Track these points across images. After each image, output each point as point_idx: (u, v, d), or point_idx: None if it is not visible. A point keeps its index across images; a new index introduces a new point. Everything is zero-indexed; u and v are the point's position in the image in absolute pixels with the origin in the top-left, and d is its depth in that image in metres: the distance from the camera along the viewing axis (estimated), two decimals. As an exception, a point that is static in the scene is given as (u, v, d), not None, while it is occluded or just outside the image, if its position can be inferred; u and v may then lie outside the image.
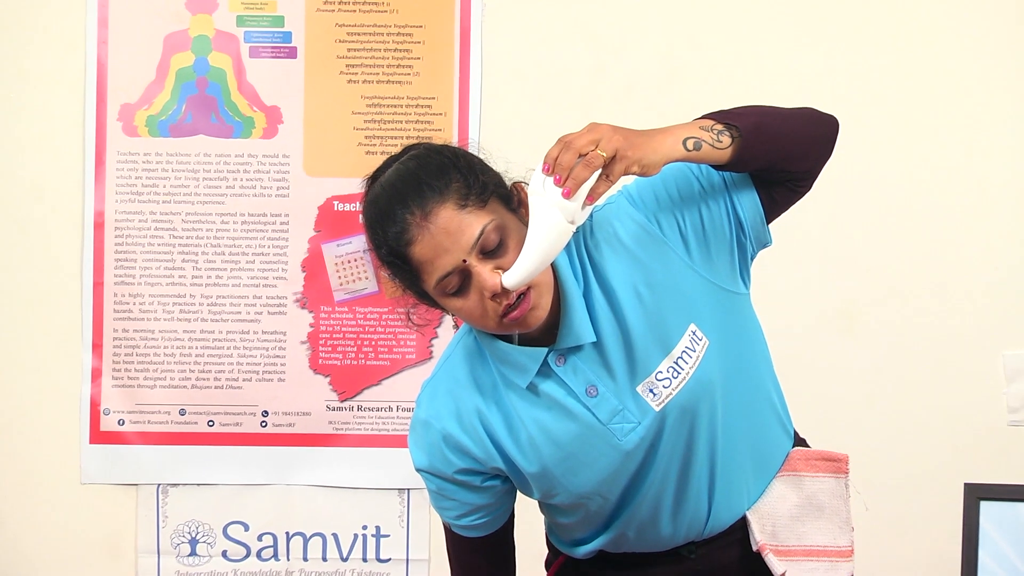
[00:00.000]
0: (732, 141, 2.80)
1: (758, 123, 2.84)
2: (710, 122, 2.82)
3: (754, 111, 2.88)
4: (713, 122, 2.82)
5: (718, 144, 2.79)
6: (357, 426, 4.53)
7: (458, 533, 3.08)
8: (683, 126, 2.80)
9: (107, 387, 4.50)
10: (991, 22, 4.67)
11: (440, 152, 2.86)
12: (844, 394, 4.44)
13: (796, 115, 2.93)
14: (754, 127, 2.83)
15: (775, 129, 2.87)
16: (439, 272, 2.75)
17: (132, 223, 4.50)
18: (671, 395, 2.89)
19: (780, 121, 2.89)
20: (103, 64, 4.51)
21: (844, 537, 3.09)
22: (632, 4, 4.59)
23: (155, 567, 4.53)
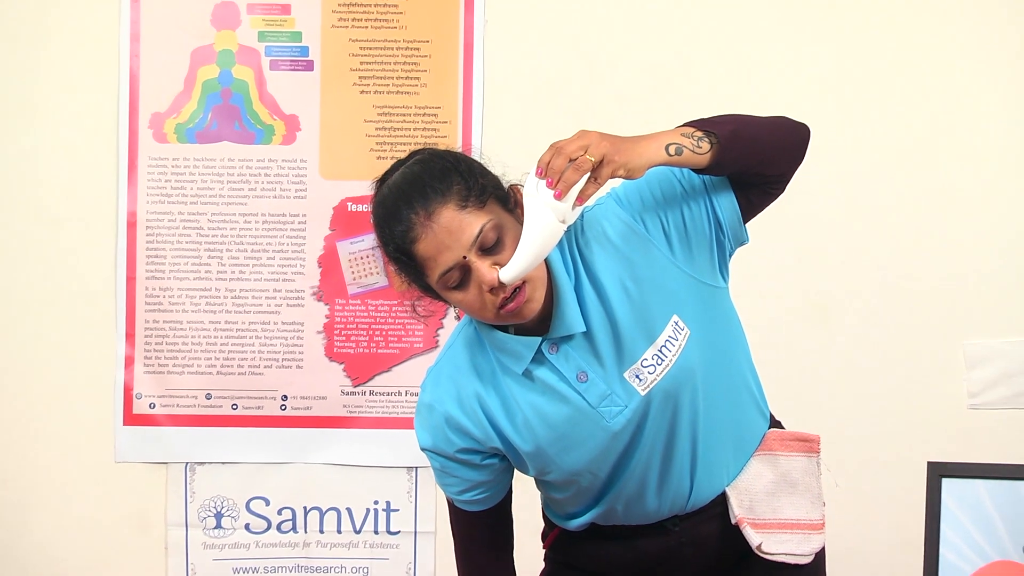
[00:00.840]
0: (711, 147, 2.80)
1: (735, 130, 2.84)
2: (691, 129, 2.81)
3: (731, 119, 2.88)
4: (694, 129, 2.81)
5: (698, 150, 2.79)
6: (369, 409, 4.52)
7: (460, 507, 3.08)
8: (666, 133, 2.80)
9: (139, 373, 4.49)
10: (944, 22, 4.67)
11: (442, 157, 2.87)
12: (817, 380, 4.44)
13: (770, 123, 2.93)
14: (731, 134, 2.83)
15: (750, 136, 2.87)
16: (441, 267, 2.76)
17: (162, 222, 4.49)
18: (655, 380, 2.90)
19: (755, 129, 2.90)
20: (135, 76, 4.49)
21: (816, 511, 3.09)
22: (622, 21, 4.56)
23: (183, 539, 4.51)
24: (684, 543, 3.07)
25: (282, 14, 4.52)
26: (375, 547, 4.54)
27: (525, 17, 4.55)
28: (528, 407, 2.94)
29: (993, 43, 4.66)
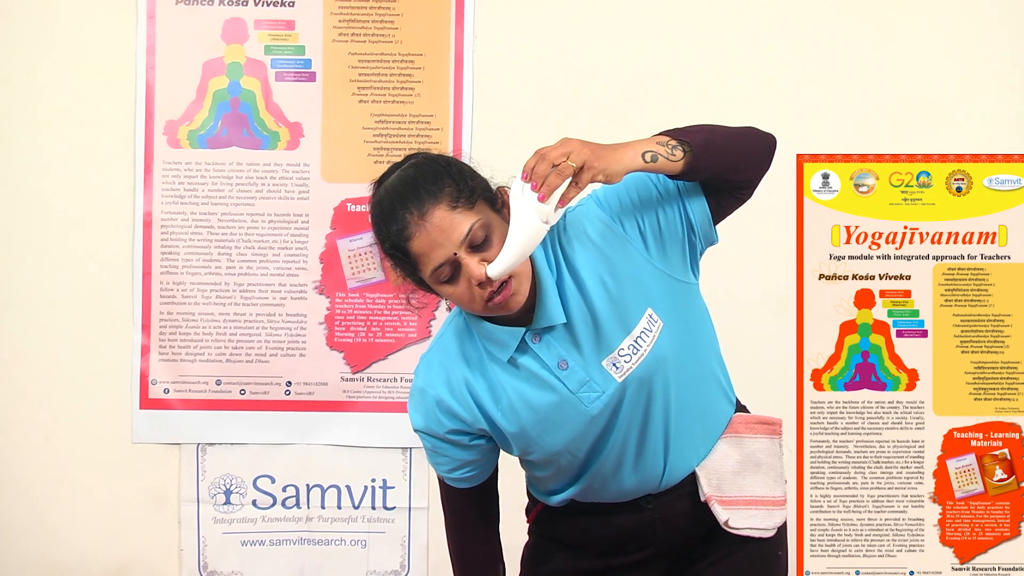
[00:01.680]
0: (684, 155, 2.81)
1: (707, 140, 2.85)
2: (666, 138, 2.82)
3: (704, 129, 2.88)
4: (668, 138, 2.82)
5: (672, 157, 2.80)
6: (367, 394, 4.50)
7: (450, 485, 3.09)
8: (643, 141, 2.81)
9: (154, 361, 4.48)
10: (922, 38, 4.68)
11: (435, 160, 2.88)
12: (779, 366, 4.37)
13: (740, 133, 2.95)
14: (703, 143, 2.84)
15: (721, 145, 2.88)
16: (433, 263, 2.77)
17: (175, 222, 4.48)
18: (631, 368, 2.91)
19: (726, 138, 2.91)
20: (151, 87, 4.48)
21: (779, 489, 3.10)
22: (603, 34, 4.56)
23: (195, 514, 4.49)
24: (657, 519, 3.07)
25: (287, 29, 4.50)
26: (372, 522, 4.52)
27: (511, 33, 4.53)
28: (513, 392, 2.95)
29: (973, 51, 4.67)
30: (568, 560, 3.16)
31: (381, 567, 4.53)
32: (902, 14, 4.68)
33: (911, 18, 4.68)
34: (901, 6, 4.68)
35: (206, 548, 4.51)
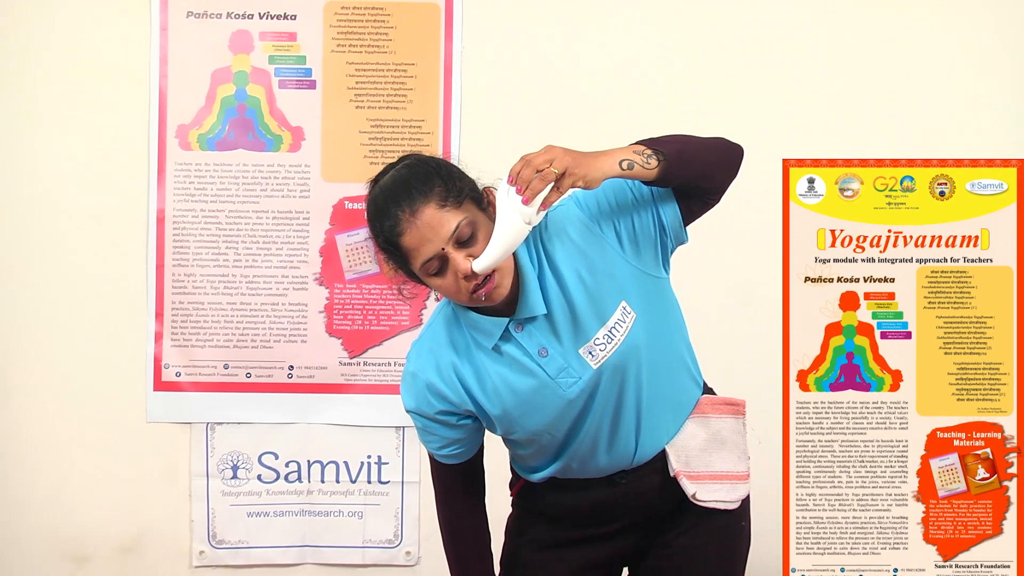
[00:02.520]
0: (659, 163, 2.82)
1: (680, 149, 2.86)
2: (642, 147, 2.84)
3: (677, 140, 2.90)
4: (644, 147, 2.84)
5: (647, 165, 2.81)
6: (363, 377, 4.50)
7: (440, 461, 3.10)
8: (620, 150, 2.83)
9: (167, 347, 4.47)
10: (891, 49, 4.65)
11: (426, 162, 2.88)
12: (742, 352, 4.44)
13: (710, 144, 2.96)
14: (676, 153, 2.85)
15: (693, 155, 2.89)
16: (423, 257, 2.79)
17: (186, 218, 4.47)
18: (606, 356, 2.93)
19: (697, 148, 2.92)
20: (163, 93, 4.47)
21: (742, 464, 3.14)
22: (579, 46, 4.54)
23: (205, 488, 4.49)
24: (630, 493, 3.09)
25: (289, 40, 4.48)
26: (368, 495, 4.52)
27: (496, 45, 4.52)
28: (497, 377, 2.96)
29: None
30: (548, 530, 3.17)
31: (376, 537, 4.53)
32: (887, 22, 4.65)
33: (896, 26, 4.66)
34: (886, 14, 4.65)
35: (215, 519, 4.50)
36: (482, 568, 3.17)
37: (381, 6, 4.50)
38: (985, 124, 4.65)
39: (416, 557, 4.53)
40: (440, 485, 3.16)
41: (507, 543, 3.25)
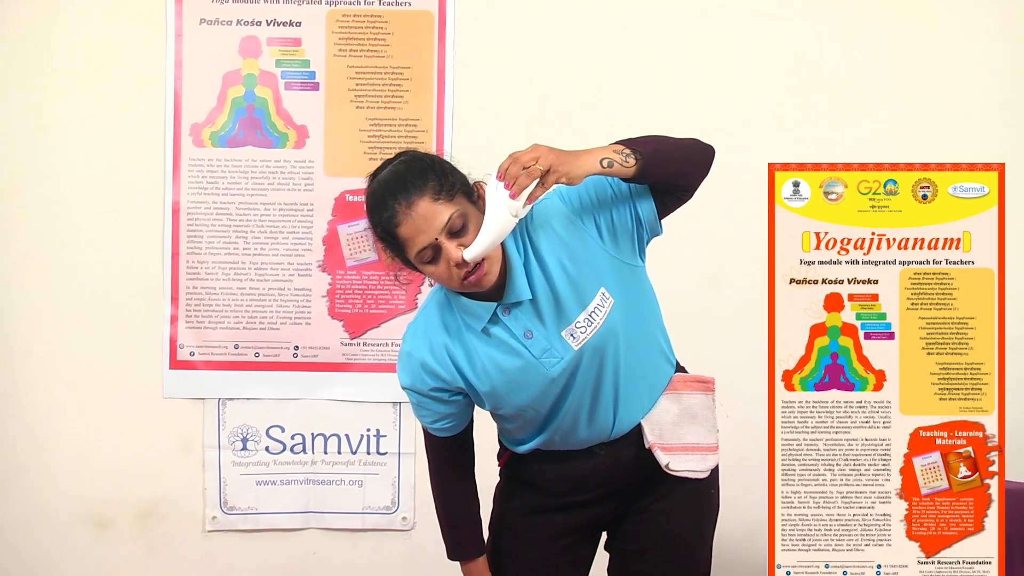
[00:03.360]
0: (636, 162, 2.84)
1: (656, 149, 2.88)
2: (621, 147, 2.85)
3: (654, 140, 2.91)
4: (623, 147, 2.85)
5: (626, 164, 2.83)
6: (363, 357, 4.50)
7: (433, 434, 3.12)
8: (601, 149, 2.85)
9: (182, 328, 4.47)
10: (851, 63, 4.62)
11: (421, 158, 2.89)
12: (713, 333, 4.45)
13: (684, 144, 2.97)
14: (653, 152, 2.87)
15: (668, 155, 2.91)
16: (418, 247, 2.81)
17: (199, 209, 4.47)
18: (586, 338, 2.95)
19: (672, 149, 2.93)
20: (178, 95, 4.47)
21: (712, 437, 3.16)
22: (563, 51, 4.53)
23: (217, 459, 4.50)
24: (608, 463, 3.10)
25: (294, 45, 4.48)
26: (367, 465, 4.52)
27: (485, 50, 4.52)
28: (486, 357, 2.98)
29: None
30: (532, 497, 3.18)
31: (375, 503, 4.53)
32: (871, 30, 4.62)
33: (880, 33, 4.63)
34: (870, 22, 4.63)
35: (226, 487, 4.51)
36: (471, 532, 3.19)
37: (379, 14, 4.50)
38: (967, 129, 4.62)
39: (412, 522, 4.53)
40: (433, 456, 3.17)
41: (495, 509, 3.25)
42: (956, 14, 4.65)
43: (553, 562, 3.18)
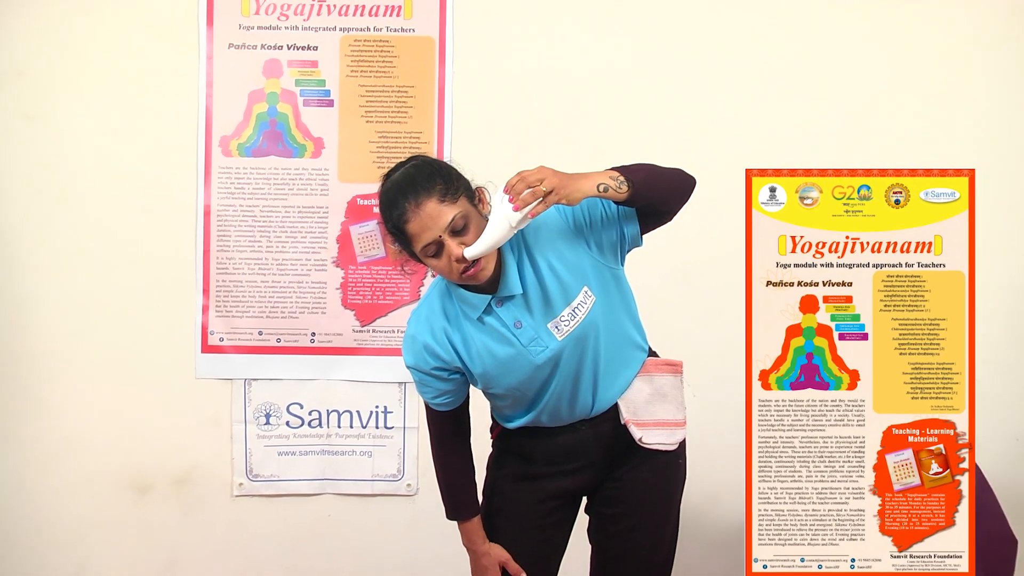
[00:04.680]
0: (628, 189, 2.86)
1: (645, 178, 2.89)
2: (616, 173, 2.86)
3: (644, 170, 2.91)
4: (618, 174, 2.86)
5: (619, 190, 2.85)
6: (372, 342, 4.50)
7: (433, 408, 3.15)
8: (599, 174, 2.86)
9: (212, 317, 4.48)
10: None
11: (431, 163, 2.93)
12: (682, 321, 4.39)
13: (670, 174, 2.97)
14: (643, 181, 2.88)
15: (655, 184, 2.92)
16: (423, 242, 2.85)
17: (228, 212, 4.47)
18: (569, 330, 2.99)
19: (659, 178, 2.94)
20: (209, 110, 4.47)
21: (680, 413, 3.18)
22: (552, 70, 4.50)
23: (243, 432, 4.50)
24: (588, 438, 3.14)
25: (312, 67, 4.47)
26: (376, 438, 4.53)
27: (480, 71, 4.50)
28: (480, 343, 3.02)
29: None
30: (521, 466, 3.21)
31: (383, 472, 4.53)
32: (845, 41, 4.53)
33: (854, 43, 4.53)
34: (844, 33, 4.54)
35: (251, 457, 4.52)
36: (468, 495, 3.20)
37: (387, 39, 4.49)
38: (938, 135, 4.52)
39: (415, 488, 4.53)
40: (434, 428, 3.19)
41: (488, 476, 3.28)
42: (927, 28, 4.56)
43: (539, 523, 3.20)
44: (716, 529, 4.44)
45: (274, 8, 4.49)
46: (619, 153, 4.31)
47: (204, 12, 4.48)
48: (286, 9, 4.49)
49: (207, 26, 4.49)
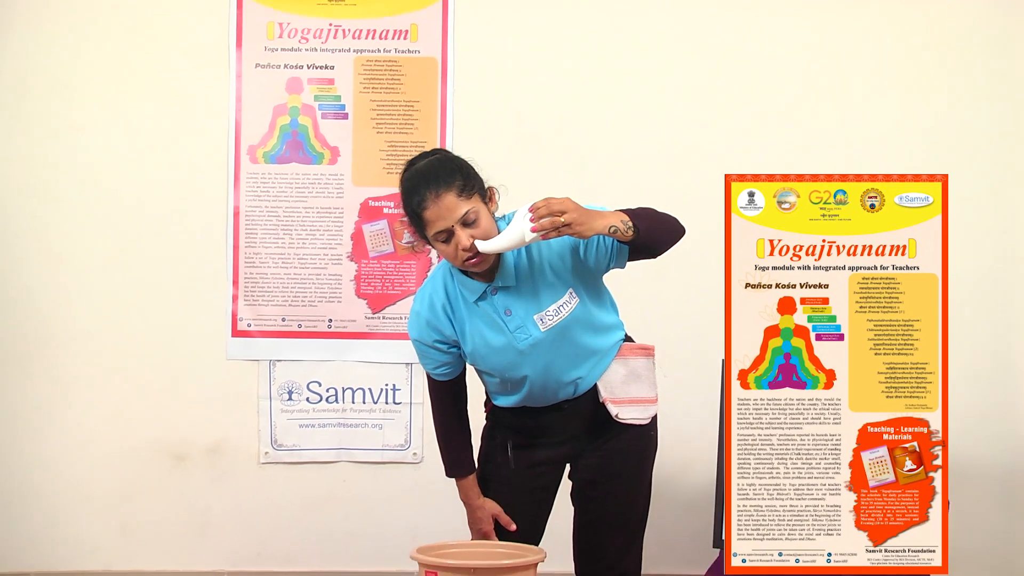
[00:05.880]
0: (634, 233, 2.85)
1: (649, 227, 2.89)
2: (626, 217, 2.84)
3: (648, 216, 2.90)
4: (628, 218, 2.84)
5: (626, 233, 2.85)
6: (383, 327, 4.51)
7: (434, 378, 3.15)
8: (613, 215, 2.83)
9: (241, 305, 4.49)
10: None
11: (453, 159, 2.94)
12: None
13: (668, 221, 2.96)
14: (647, 229, 2.88)
15: (655, 231, 2.92)
16: (437, 229, 2.87)
17: (255, 212, 4.49)
18: (552, 324, 3.02)
19: (659, 225, 2.93)
20: (238, 122, 4.49)
21: (652, 392, 3.19)
22: (539, 83, 4.48)
23: (268, 407, 4.49)
24: (571, 414, 3.15)
25: (329, 84, 4.48)
26: (386, 412, 4.52)
27: (478, 88, 4.50)
28: (473, 323, 3.03)
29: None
30: (510, 437, 3.21)
31: (391, 442, 4.53)
32: (820, 49, 4.46)
33: (830, 52, 4.46)
34: (820, 43, 4.46)
35: (275, 429, 4.51)
36: (464, 454, 3.21)
37: (395, 60, 4.49)
38: (912, 143, 4.43)
39: (420, 457, 4.53)
40: (435, 396, 3.19)
41: (482, 446, 3.28)
42: (901, 37, 4.47)
43: (528, 486, 3.20)
44: (687, 494, 4.43)
45: (295, 32, 4.49)
46: (601, 161, 4.43)
47: (234, 36, 4.49)
48: (306, 33, 4.49)
49: (236, 48, 4.49)
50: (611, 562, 3.17)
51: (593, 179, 4.47)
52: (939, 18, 4.49)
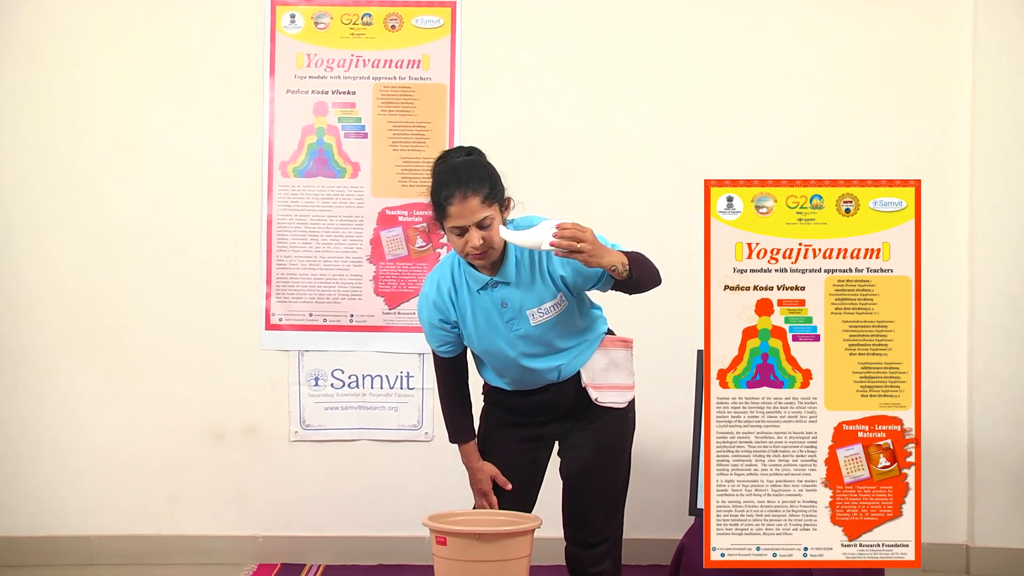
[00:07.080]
0: (628, 275, 2.93)
1: (640, 275, 2.96)
2: (627, 260, 2.90)
3: (643, 264, 2.96)
4: (628, 261, 2.91)
5: (621, 274, 2.92)
6: (398, 322, 4.55)
7: (439, 355, 3.20)
8: (618, 256, 2.87)
9: (274, 302, 4.53)
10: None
11: (486, 166, 2.97)
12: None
13: (653, 273, 3.02)
14: (638, 277, 2.96)
15: (643, 278, 3.00)
16: (455, 223, 2.92)
17: (285, 220, 4.54)
18: (542, 320, 3.09)
19: (647, 275, 3.00)
20: (271, 141, 4.54)
21: (629, 379, 3.24)
22: (536, 106, 4.49)
23: (298, 392, 4.53)
24: (556, 397, 3.21)
25: (351, 108, 4.52)
26: (401, 396, 4.56)
27: (483, 112, 4.52)
28: (472, 309, 3.08)
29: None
30: (505, 416, 3.26)
31: (406, 423, 4.57)
32: (797, 57, 4.41)
33: (806, 60, 4.41)
34: (796, 51, 4.41)
35: (304, 411, 4.55)
36: (465, 422, 3.25)
37: (409, 86, 4.53)
38: (887, 150, 4.34)
39: (431, 436, 4.56)
40: (440, 371, 3.23)
41: (480, 424, 3.32)
42: (878, 46, 4.37)
43: (521, 459, 3.25)
44: (666, 468, 4.45)
45: (322, 62, 4.54)
46: (590, 173, 4.46)
47: (267, 65, 4.54)
48: (331, 63, 4.54)
49: (270, 76, 4.55)
50: (596, 528, 3.20)
51: (582, 190, 4.47)
52: (910, 29, 4.42)
